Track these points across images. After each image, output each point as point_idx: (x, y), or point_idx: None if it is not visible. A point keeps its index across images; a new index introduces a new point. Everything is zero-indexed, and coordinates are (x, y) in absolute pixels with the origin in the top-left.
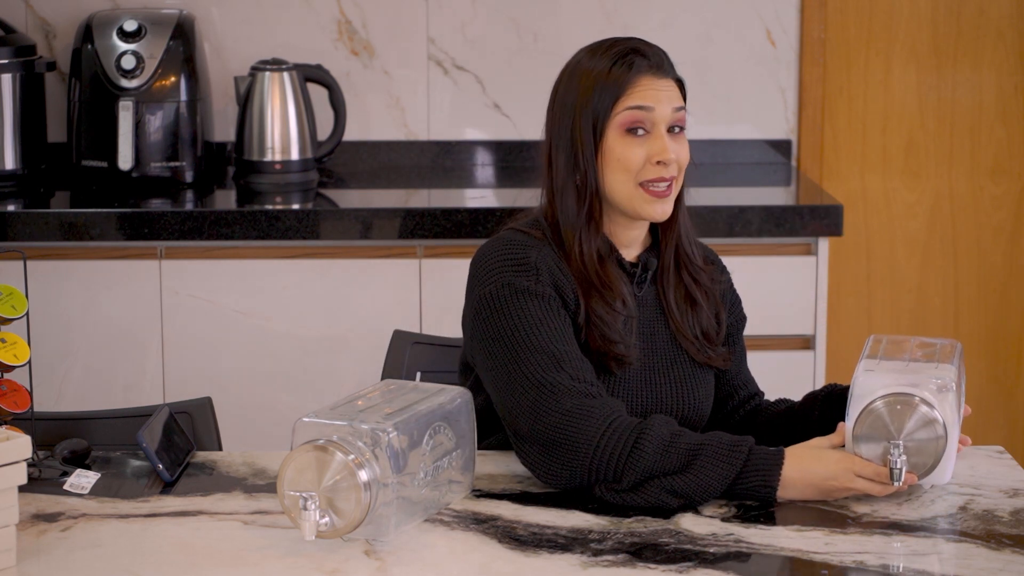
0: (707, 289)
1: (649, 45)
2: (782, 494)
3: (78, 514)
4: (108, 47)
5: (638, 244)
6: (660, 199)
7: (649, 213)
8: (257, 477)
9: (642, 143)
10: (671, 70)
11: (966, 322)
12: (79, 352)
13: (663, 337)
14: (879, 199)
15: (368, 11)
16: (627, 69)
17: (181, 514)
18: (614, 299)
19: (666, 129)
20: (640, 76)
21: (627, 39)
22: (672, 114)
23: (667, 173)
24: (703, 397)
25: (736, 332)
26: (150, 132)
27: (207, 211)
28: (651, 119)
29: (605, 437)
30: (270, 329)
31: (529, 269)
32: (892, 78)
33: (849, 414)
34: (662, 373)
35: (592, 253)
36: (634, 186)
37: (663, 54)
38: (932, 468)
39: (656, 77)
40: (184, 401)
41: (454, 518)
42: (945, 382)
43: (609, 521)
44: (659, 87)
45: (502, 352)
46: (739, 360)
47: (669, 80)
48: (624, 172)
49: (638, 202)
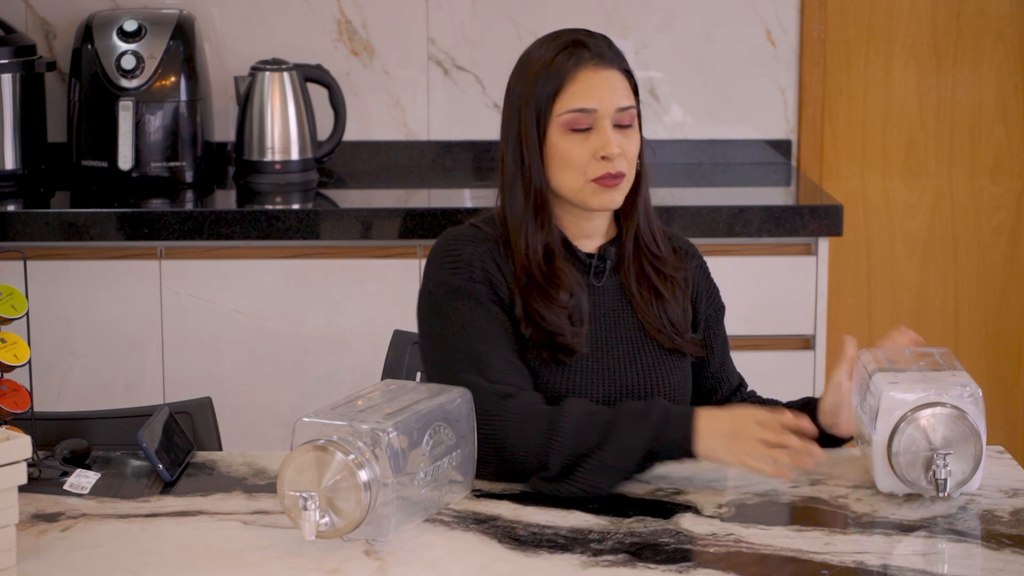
0: (671, 278)
1: (592, 35)
2: (701, 449)
3: (78, 514)
4: (108, 47)
5: (600, 235)
6: (608, 188)
7: (598, 203)
8: (257, 477)
9: (585, 139)
10: (616, 60)
11: (966, 322)
12: (79, 352)
13: (629, 325)
14: (879, 199)
15: (368, 11)
16: (568, 61)
17: (181, 514)
18: (558, 292)
19: (613, 123)
20: (580, 69)
21: (573, 30)
22: (615, 113)
23: (613, 168)
24: (677, 383)
25: (715, 322)
26: (150, 132)
27: (207, 211)
28: (594, 118)
29: (523, 430)
30: (270, 329)
31: (462, 266)
32: (892, 78)
33: (878, 429)
34: (628, 360)
35: (537, 247)
36: (583, 182)
37: (607, 44)
38: (972, 476)
39: (597, 69)
40: (184, 401)
41: (454, 518)
42: (972, 389)
43: (609, 521)
44: (599, 82)
45: (431, 352)
46: (721, 351)
47: (613, 71)
48: (569, 169)
49: (587, 195)
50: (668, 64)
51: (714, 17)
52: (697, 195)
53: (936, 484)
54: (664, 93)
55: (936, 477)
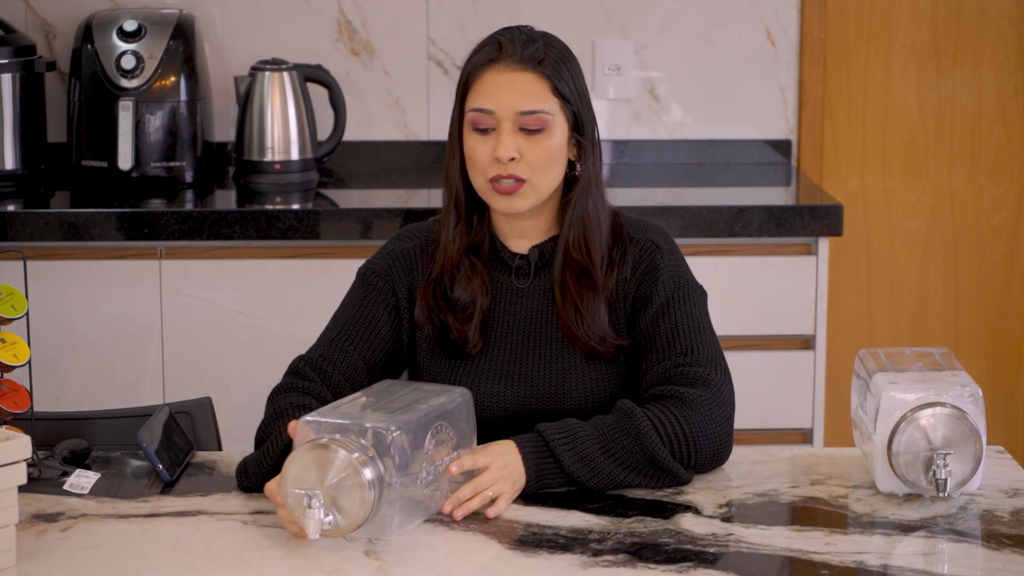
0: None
1: (517, 35)
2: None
3: (78, 514)
4: (108, 47)
5: (535, 235)
6: (503, 195)
7: (497, 207)
8: None
9: (487, 139)
10: (532, 61)
11: (966, 322)
12: (79, 352)
13: (550, 327)
14: (879, 199)
15: (368, 11)
16: (479, 62)
17: (181, 514)
18: (462, 291)
19: (516, 127)
20: (487, 69)
21: (504, 29)
22: (517, 116)
23: (506, 171)
24: (593, 388)
25: (659, 317)
26: (150, 132)
27: (207, 211)
28: (494, 119)
29: (268, 408)
30: (270, 329)
31: (380, 257)
32: (892, 78)
33: (878, 429)
34: (542, 363)
35: (450, 245)
36: (485, 182)
37: (527, 44)
38: (972, 476)
39: (503, 70)
40: (184, 401)
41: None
42: (972, 389)
43: (609, 521)
44: (502, 83)
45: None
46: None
47: (524, 72)
48: (473, 168)
49: (488, 196)
50: (668, 64)
51: (714, 17)
52: (697, 195)
53: (936, 484)
54: (664, 93)
55: (936, 477)
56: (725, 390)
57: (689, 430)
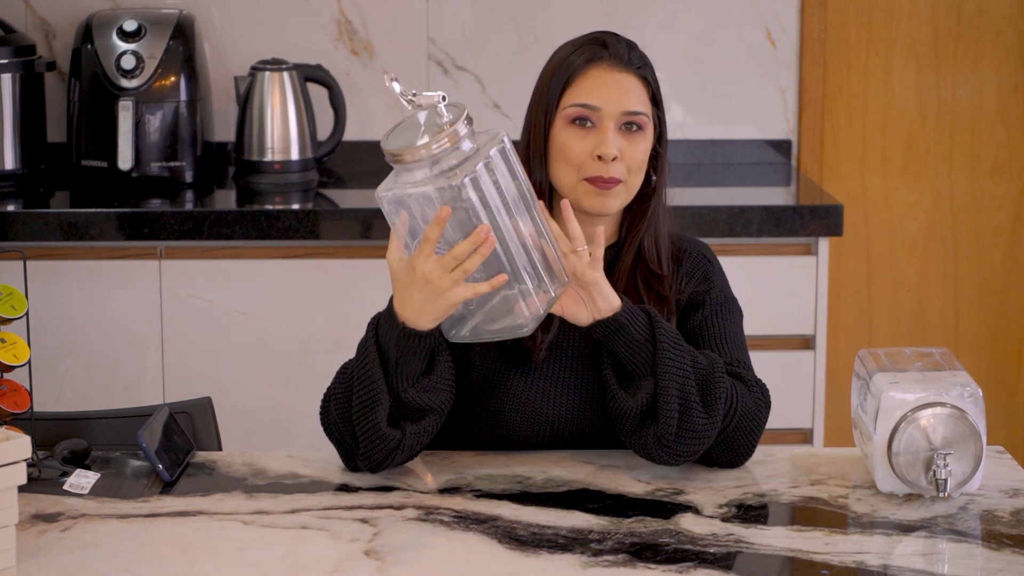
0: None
1: (618, 38)
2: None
3: (78, 514)
4: (108, 47)
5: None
6: (601, 191)
7: (590, 206)
8: (257, 477)
9: (586, 135)
10: (634, 65)
11: (966, 322)
12: (79, 352)
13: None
14: (879, 199)
15: (368, 11)
16: (582, 57)
17: (181, 514)
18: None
19: (618, 126)
20: (593, 67)
21: (602, 31)
22: (621, 115)
23: (606, 172)
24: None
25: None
26: (150, 132)
27: (207, 211)
28: (598, 116)
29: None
30: (270, 329)
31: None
32: (892, 78)
33: (878, 429)
34: (590, 372)
35: None
36: (577, 179)
37: (630, 48)
38: (972, 476)
39: (610, 70)
40: (184, 401)
41: (454, 518)
42: (972, 389)
43: (609, 521)
44: (610, 82)
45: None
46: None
47: (628, 75)
48: (566, 164)
49: (579, 194)
50: (667, 64)
51: (714, 17)
52: (697, 195)
53: (936, 484)
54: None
55: (936, 477)
56: (769, 404)
57: (741, 403)
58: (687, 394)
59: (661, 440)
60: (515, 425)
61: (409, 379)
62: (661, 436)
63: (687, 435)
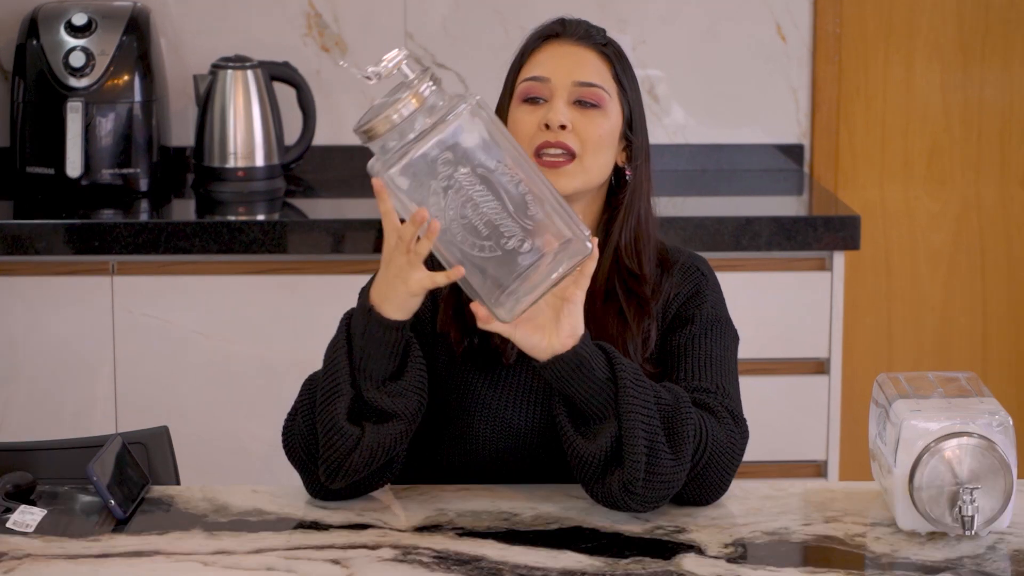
0: (642, 302)
1: (579, 21)
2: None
3: (22, 554)
4: (55, 43)
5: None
6: (551, 169)
7: None
8: (218, 514)
9: (536, 110)
10: (590, 39)
11: (995, 343)
12: (23, 376)
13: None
14: (900, 209)
15: (340, 3)
16: (540, 38)
17: (135, 554)
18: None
19: (571, 99)
20: (546, 44)
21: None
22: (572, 87)
23: (555, 137)
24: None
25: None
26: (101, 136)
27: (163, 222)
28: (548, 89)
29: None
30: (233, 352)
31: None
32: (914, 77)
33: (898, 461)
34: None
35: None
36: (529, 154)
37: (587, 27)
38: (1001, 512)
39: (564, 44)
40: (138, 431)
41: (434, 559)
42: (1002, 417)
43: (604, 562)
44: (562, 53)
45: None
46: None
47: (585, 48)
48: (520, 142)
49: None
50: (668, 61)
51: (719, 10)
52: (700, 205)
53: (962, 521)
54: (664, 93)
55: (962, 514)
56: (745, 436)
57: (711, 437)
58: (653, 435)
59: (628, 487)
60: (484, 437)
61: (374, 379)
62: (628, 482)
63: (655, 479)
